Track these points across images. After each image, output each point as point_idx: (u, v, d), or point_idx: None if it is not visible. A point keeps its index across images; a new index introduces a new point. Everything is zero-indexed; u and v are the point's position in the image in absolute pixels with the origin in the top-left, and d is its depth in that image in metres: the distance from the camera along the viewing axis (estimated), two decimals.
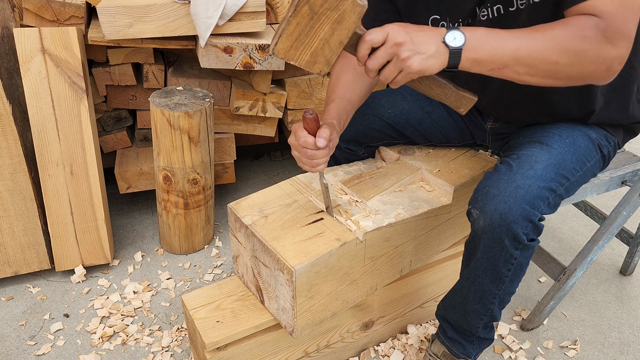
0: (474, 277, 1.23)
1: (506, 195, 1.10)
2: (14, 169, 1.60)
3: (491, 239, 1.13)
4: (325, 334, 1.40)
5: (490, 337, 1.37)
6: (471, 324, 1.31)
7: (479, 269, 1.20)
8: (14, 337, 1.56)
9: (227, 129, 2.02)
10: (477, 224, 1.14)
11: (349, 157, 1.53)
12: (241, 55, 1.70)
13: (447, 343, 1.38)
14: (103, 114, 1.96)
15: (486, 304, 1.26)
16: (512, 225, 1.09)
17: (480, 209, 1.13)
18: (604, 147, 1.30)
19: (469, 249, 1.22)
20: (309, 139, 1.11)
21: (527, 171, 1.14)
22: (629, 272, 1.90)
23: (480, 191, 1.15)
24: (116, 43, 1.70)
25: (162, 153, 1.70)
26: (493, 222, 1.10)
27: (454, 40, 0.96)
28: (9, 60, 1.63)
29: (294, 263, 1.13)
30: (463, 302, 1.29)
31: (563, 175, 1.18)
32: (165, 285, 1.76)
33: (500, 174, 1.15)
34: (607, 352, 1.60)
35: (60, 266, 1.74)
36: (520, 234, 1.10)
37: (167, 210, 1.81)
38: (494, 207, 1.10)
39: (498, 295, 1.24)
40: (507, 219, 1.09)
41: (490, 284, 1.21)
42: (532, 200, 1.10)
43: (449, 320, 1.37)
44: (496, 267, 1.17)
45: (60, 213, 1.67)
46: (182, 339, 1.57)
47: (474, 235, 1.17)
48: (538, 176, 1.13)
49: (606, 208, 2.15)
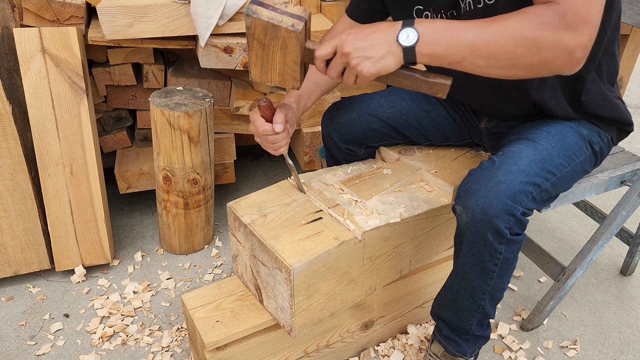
0: (462, 274, 1.23)
1: (487, 190, 1.11)
2: (14, 169, 1.60)
3: (474, 234, 1.14)
4: (325, 334, 1.40)
5: (486, 335, 1.37)
6: (464, 321, 1.31)
7: (466, 265, 1.21)
8: (14, 337, 1.56)
9: (227, 129, 2.02)
10: (460, 219, 1.16)
11: (348, 158, 1.53)
12: (241, 55, 1.70)
13: (443, 342, 1.38)
14: (103, 114, 1.96)
15: (477, 301, 1.26)
16: (493, 220, 1.10)
17: (463, 204, 1.14)
18: (596, 144, 1.30)
19: (457, 245, 1.24)
20: (267, 126, 1.19)
21: (510, 167, 1.14)
22: (629, 272, 1.89)
23: (463, 187, 1.17)
24: (116, 43, 1.70)
25: (162, 153, 1.70)
26: (475, 217, 1.11)
27: (407, 38, 0.98)
28: (9, 60, 1.63)
29: (292, 262, 1.13)
30: (454, 300, 1.29)
31: (549, 170, 1.18)
32: (165, 285, 1.76)
33: (483, 170, 1.16)
34: (607, 352, 1.60)
35: (60, 266, 1.74)
36: (503, 228, 1.11)
37: (167, 210, 1.81)
38: (475, 202, 1.11)
39: (488, 291, 1.24)
40: (488, 213, 1.10)
41: (479, 279, 1.22)
42: (513, 195, 1.10)
43: (444, 318, 1.37)
44: (482, 263, 1.18)
45: (60, 213, 1.68)
46: (182, 339, 1.57)
47: (459, 231, 1.19)
48: (521, 171, 1.14)
49: (606, 208, 2.15)
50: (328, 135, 1.53)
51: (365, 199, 1.33)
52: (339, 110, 1.50)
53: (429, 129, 1.50)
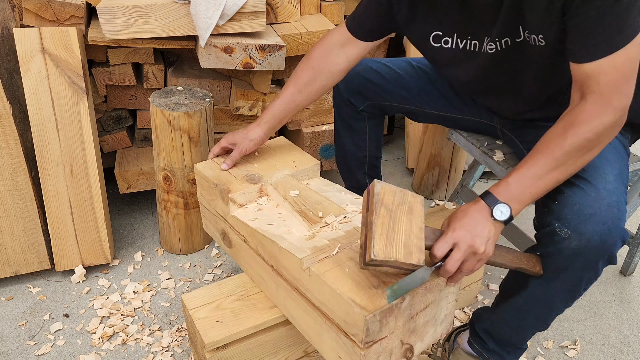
0: (546, 297, 1.18)
1: (602, 215, 1.04)
2: (14, 169, 1.60)
3: (585, 261, 1.07)
4: None
5: (526, 346, 1.35)
6: (521, 337, 1.29)
7: (556, 289, 1.15)
8: (14, 337, 1.56)
9: (227, 129, 2.02)
10: (565, 244, 1.06)
11: (351, 114, 1.59)
12: (241, 55, 1.70)
13: (485, 355, 1.34)
14: (103, 114, 1.96)
15: (547, 320, 1.24)
16: (612, 248, 1.06)
17: (574, 229, 1.05)
18: (626, 147, 1.29)
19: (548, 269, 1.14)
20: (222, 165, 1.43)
21: (606, 185, 1.08)
22: (629, 272, 1.90)
23: (569, 209, 1.06)
24: (116, 43, 1.70)
25: (162, 153, 1.70)
26: (590, 244, 1.04)
27: (501, 214, 1.04)
28: (9, 60, 1.63)
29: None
30: (521, 319, 1.25)
31: (624, 183, 1.15)
32: (165, 285, 1.76)
33: (585, 190, 1.08)
34: (607, 352, 1.60)
35: (60, 266, 1.74)
36: (615, 255, 1.08)
37: (167, 210, 1.81)
38: (593, 228, 1.04)
39: (562, 310, 1.22)
40: (608, 241, 1.04)
41: (561, 302, 1.19)
42: (623, 218, 1.07)
43: (494, 334, 1.32)
44: (577, 287, 1.14)
45: (60, 213, 1.68)
46: (182, 339, 1.57)
47: (557, 254, 1.09)
48: (615, 190, 1.09)
49: None
50: (337, 88, 1.59)
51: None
52: (355, 68, 1.53)
53: (431, 94, 1.53)
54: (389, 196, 1.02)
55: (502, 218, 1.03)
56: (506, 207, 1.03)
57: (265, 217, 1.30)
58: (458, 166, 2.23)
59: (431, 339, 1.16)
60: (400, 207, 1.02)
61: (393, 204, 1.01)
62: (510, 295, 1.25)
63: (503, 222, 1.04)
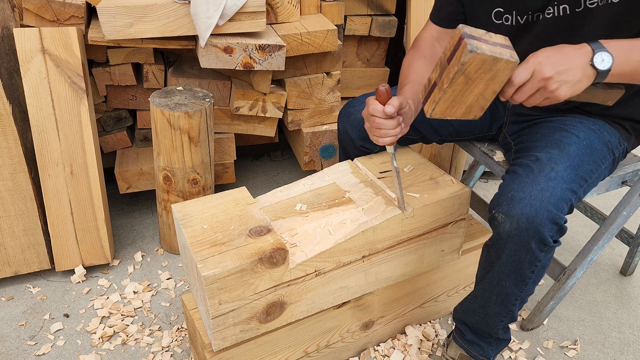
0: (497, 281, 1.22)
1: (532, 198, 1.09)
2: (14, 169, 1.60)
3: (517, 242, 1.12)
4: (325, 334, 1.40)
5: (508, 338, 1.38)
6: (491, 326, 1.32)
7: (502, 273, 1.20)
8: (14, 337, 1.56)
9: (227, 129, 2.02)
10: (502, 227, 1.13)
11: (360, 153, 1.54)
12: (241, 55, 1.70)
13: (465, 346, 1.39)
14: (103, 114, 1.96)
15: (508, 307, 1.26)
16: (539, 228, 1.09)
17: (507, 212, 1.11)
18: (616, 150, 1.30)
19: (491, 253, 1.21)
20: (378, 106, 1.14)
21: (549, 173, 1.13)
22: (629, 273, 1.89)
23: (504, 195, 1.14)
24: (116, 43, 1.70)
25: (162, 153, 1.70)
26: (520, 226, 1.10)
27: (602, 62, 0.99)
28: (9, 60, 1.63)
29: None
30: (484, 306, 1.29)
31: (582, 176, 1.17)
32: (165, 285, 1.76)
33: (523, 177, 1.14)
34: (607, 352, 1.60)
35: (60, 266, 1.74)
36: (547, 237, 1.10)
37: (167, 210, 1.81)
38: (521, 210, 1.09)
39: (520, 296, 1.24)
40: (535, 222, 1.09)
41: (514, 286, 1.21)
42: (556, 203, 1.10)
43: (468, 323, 1.37)
44: (521, 270, 1.17)
45: (60, 213, 1.68)
46: (182, 339, 1.57)
47: (498, 238, 1.16)
48: (559, 177, 1.13)
49: (606, 208, 2.15)
50: (344, 132, 1.52)
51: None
52: (357, 107, 1.49)
53: (440, 124, 1.51)
54: (477, 65, 0.94)
55: (600, 66, 0.99)
56: (609, 58, 0.98)
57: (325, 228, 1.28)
58: (458, 166, 2.24)
59: None
60: (483, 74, 0.95)
61: (476, 72, 0.95)
62: (476, 283, 1.31)
63: (599, 71, 0.99)
